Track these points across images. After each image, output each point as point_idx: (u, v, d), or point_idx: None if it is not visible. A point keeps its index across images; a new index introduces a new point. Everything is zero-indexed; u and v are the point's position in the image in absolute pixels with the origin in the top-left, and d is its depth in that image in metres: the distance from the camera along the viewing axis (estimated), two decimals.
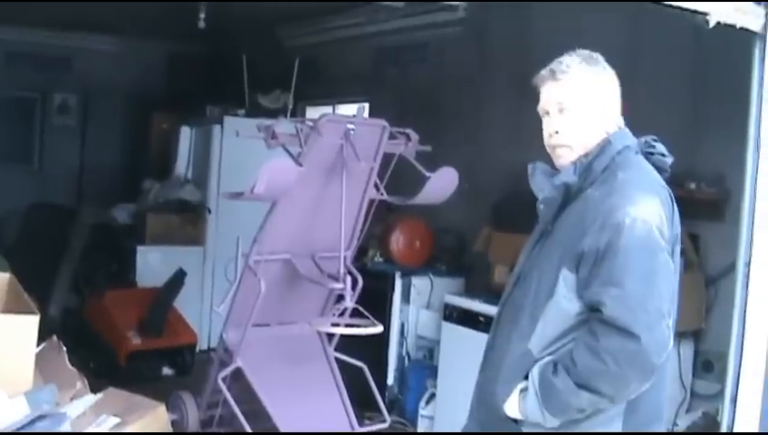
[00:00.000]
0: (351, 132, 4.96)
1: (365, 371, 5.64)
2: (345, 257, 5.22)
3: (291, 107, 8.93)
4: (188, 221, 9.07)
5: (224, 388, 5.14)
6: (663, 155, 3.06)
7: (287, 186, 4.71)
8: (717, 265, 5.67)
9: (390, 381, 7.28)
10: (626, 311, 2.68)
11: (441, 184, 5.23)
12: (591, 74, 3.01)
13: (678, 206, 3.05)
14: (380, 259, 7.46)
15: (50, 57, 10.95)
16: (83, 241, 9.07)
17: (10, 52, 10.56)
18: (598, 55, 3.05)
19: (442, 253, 7.63)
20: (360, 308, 5.14)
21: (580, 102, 2.98)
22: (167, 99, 10.86)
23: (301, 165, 4.80)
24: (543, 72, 3.05)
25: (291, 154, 4.94)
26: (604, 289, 2.73)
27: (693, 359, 5.90)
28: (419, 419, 7.04)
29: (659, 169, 3.03)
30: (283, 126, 5.00)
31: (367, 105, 8.56)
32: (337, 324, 5.23)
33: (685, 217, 5.81)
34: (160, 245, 8.88)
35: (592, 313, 2.78)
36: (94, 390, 3.77)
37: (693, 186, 5.76)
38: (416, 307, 7.30)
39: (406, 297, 7.31)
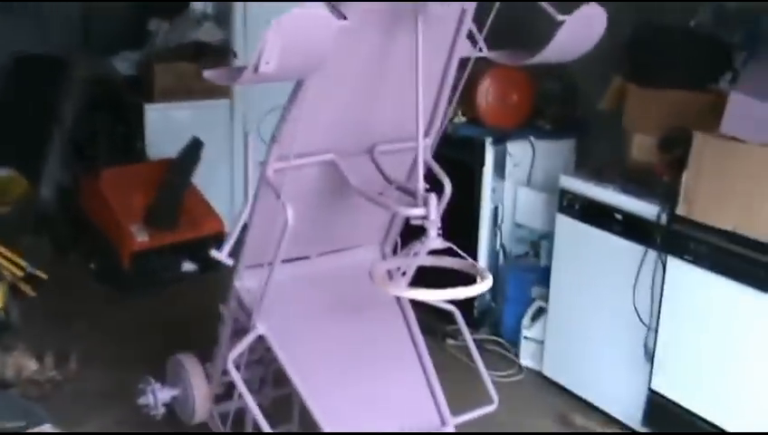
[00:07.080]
0: None
1: (456, 316, 3.72)
2: (425, 151, 3.22)
3: None
4: (209, 69, 7.02)
5: (235, 376, 3.25)
6: None
7: (320, 55, 2.63)
8: None
9: None
10: None
11: (580, 32, 3.08)
12: None
13: None
14: (463, 119, 5.45)
15: None
16: (77, 101, 7.07)
17: None
18: None
19: (546, 105, 5.60)
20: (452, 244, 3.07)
21: None
22: None
23: (344, 16, 2.72)
24: None
25: None
26: None
27: None
28: (522, 341, 5.21)
29: None
30: None
31: None
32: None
33: None
34: (174, 101, 6.84)
35: None
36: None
37: None
38: (512, 184, 5.35)
39: (500, 171, 5.35)
